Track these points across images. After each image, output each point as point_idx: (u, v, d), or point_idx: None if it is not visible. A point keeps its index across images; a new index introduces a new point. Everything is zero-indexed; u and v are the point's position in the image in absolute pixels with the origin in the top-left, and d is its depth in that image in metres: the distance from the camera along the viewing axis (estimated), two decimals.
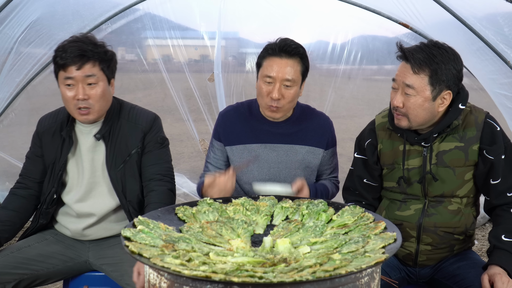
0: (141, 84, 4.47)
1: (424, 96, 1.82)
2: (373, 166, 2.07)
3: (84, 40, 2.00)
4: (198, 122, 4.42)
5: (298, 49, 2.12)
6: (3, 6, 3.33)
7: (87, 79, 1.98)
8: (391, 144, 2.02)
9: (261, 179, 2.26)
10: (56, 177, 2.12)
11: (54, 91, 4.27)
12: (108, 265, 2.12)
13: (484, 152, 1.89)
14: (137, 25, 4.21)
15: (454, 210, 1.96)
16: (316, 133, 2.27)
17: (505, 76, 3.53)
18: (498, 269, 1.79)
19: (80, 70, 1.96)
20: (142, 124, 2.16)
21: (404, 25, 3.90)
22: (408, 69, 1.83)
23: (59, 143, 2.12)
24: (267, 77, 2.09)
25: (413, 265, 2.06)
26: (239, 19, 4.28)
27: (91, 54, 1.98)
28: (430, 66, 1.79)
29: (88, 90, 1.99)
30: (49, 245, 2.15)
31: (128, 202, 2.13)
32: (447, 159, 1.92)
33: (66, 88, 1.99)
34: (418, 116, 1.85)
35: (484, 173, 1.91)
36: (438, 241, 1.98)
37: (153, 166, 2.17)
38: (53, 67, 2.03)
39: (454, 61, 1.82)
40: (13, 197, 2.18)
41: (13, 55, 3.75)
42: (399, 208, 2.02)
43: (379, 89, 4.62)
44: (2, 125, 4.31)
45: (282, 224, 1.70)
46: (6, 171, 4.48)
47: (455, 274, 1.96)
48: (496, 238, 1.87)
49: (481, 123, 1.89)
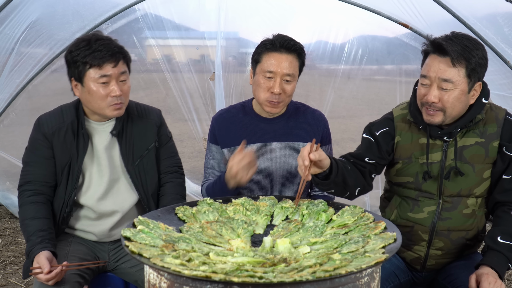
0: (142, 83, 4.47)
1: (462, 89, 1.78)
2: (384, 155, 1.99)
3: (106, 38, 2.00)
4: (199, 122, 4.43)
5: (296, 45, 2.14)
6: (3, 6, 3.34)
7: (120, 76, 1.99)
8: (410, 137, 1.97)
9: (259, 179, 2.26)
10: (75, 178, 2.06)
11: (55, 91, 4.30)
12: (129, 262, 2.13)
13: (503, 149, 1.87)
14: (137, 25, 4.21)
15: (468, 213, 1.93)
16: (311, 129, 2.27)
17: (505, 76, 3.53)
18: (487, 269, 1.77)
19: (116, 67, 1.97)
20: (154, 118, 2.21)
21: (404, 25, 3.90)
22: (446, 62, 1.77)
23: (73, 143, 2.05)
24: (268, 72, 2.11)
25: (421, 269, 2.03)
26: (239, 19, 4.28)
27: (121, 51, 2.00)
28: (466, 58, 1.76)
29: (121, 86, 2.00)
30: (78, 246, 2.12)
31: (148, 196, 2.16)
32: (467, 154, 1.89)
33: (100, 86, 1.96)
34: (454, 109, 1.82)
35: (501, 170, 1.89)
36: (450, 245, 1.96)
37: (167, 159, 2.25)
38: (73, 66, 1.97)
39: (482, 50, 1.80)
40: (35, 206, 2.00)
41: (13, 56, 3.75)
42: (412, 210, 1.97)
43: (379, 89, 4.61)
44: (2, 125, 4.31)
45: (282, 224, 1.71)
46: (7, 170, 4.48)
47: (451, 273, 1.95)
48: (492, 239, 1.86)
49: (501, 120, 1.88)
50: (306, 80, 4.69)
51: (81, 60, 1.94)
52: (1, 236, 4.02)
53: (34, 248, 1.88)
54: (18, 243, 3.90)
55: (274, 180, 2.26)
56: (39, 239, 1.90)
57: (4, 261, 3.59)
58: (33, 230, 1.93)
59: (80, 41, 1.97)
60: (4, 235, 4.04)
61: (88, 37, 1.99)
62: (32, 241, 1.90)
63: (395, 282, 2.02)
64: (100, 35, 2.01)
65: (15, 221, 4.28)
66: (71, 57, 1.96)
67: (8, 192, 4.49)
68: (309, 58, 4.48)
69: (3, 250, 3.77)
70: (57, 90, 4.22)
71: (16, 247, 3.82)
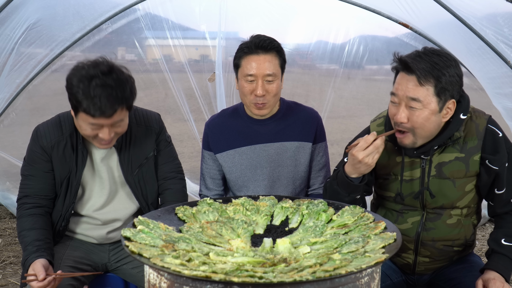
0: (142, 84, 4.47)
1: (431, 108, 1.70)
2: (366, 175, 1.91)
3: (110, 82, 1.79)
4: (199, 122, 4.42)
5: (273, 43, 2.13)
6: (3, 6, 3.34)
7: (116, 123, 1.87)
8: (387, 155, 1.92)
9: (256, 181, 2.26)
10: (74, 192, 2.04)
11: (55, 91, 4.31)
12: (130, 263, 2.13)
13: (487, 162, 1.81)
14: (137, 25, 4.21)
15: (453, 223, 1.90)
16: (304, 127, 2.27)
17: (505, 76, 3.53)
18: (493, 274, 1.76)
19: (111, 118, 1.82)
20: (154, 126, 2.15)
21: (404, 25, 3.90)
22: (412, 81, 1.70)
23: (72, 157, 2.01)
24: (248, 76, 2.11)
25: (412, 274, 2.03)
26: (239, 19, 4.28)
27: (123, 100, 1.82)
28: (435, 76, 1.67)
29: (115, 129, 1.90)
30: (74, 250, 2.11)
31: (148, 205, 2.14)
32: (446, 171, 1.83)
33: (90, 128, 1.86)
34: (424, 130, 1.74)
35: (488, 183, 1.85)
36: (437, 254, 1.94)
37: (166, 165, 2.20)
38: (70, 97, 1.84)
39: (455, 67, 1.71)
40: (33, 218, 1.98)
41: (14, 56, 3.75)
42: (396, 221, 1.95)
43: (379, 89, 4.61)
44: (2, 125, 4.31)
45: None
46: (7, 171, 4.48)
47: (452, 278, 1.93)
48: (496, 242, 1.84)
49: (482, 131, 1.80)
50: (306, 80, 4.69)
51: (77, 100, 1.80)
52: (1, 236, 4.02)
53: (29, 257, 1.85)
54: (18, 243, 3.90)
55: (271, 181, 2.26)
56: (35, 248, 1.88)
57: (4, 261, 3.59)
58: (30, 240, 1.91)
59: (83, 77, 1.78)
60: (4, 235, 4.04)
61: (91, 75, 1.78)
62: (28, 250, 1.88)
63: (387, 282, 2.02)
64: (103, 77, 1.78)
65: (15, 221, 4.27)
66: (70, 89, 1.82)
67: (8, 192, 4.49)
68: (309, 58, 4.48)
69: (3, 250, 3.77)
70: (57, 90, 4.21)
71: (16, 247, 3.82)
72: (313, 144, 2.28)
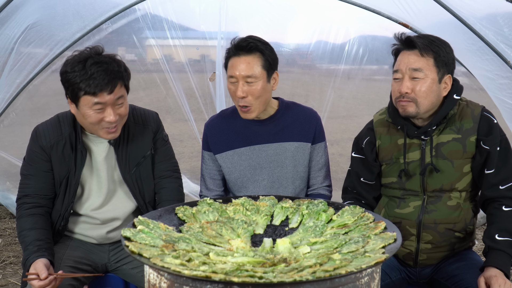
0: (142, 83, 4.47)
1: (432, 77, 1.88)
2: (372, 163, 2.09)
3: (103, 61, 1.86)
4: (199, 121, 4.43)
5: (255, 44, 2.12)
6: (3, 6, 3.34)
7: (117, 101, 1.90)
8: (389, 139, 2.05)
9: (255, 182, 2.26)
10: (72, 191, 2.04)
11: (55, 91, 4.30)
12: (130, 263, 2.13)
13: (481, 143, 1.92)
14: (137, 25, 4.21)
15: (453, 206, 1.97)
16: (303, 127, 2.26)
17: (505, 76, 3.53)
18: (494, 271, 1.78)
19: (112, 94, 1.86)
20: (151, 125, 2.16)
21: (404, 25, 3.89)
22: (414, 54, 1.90)
23: (71, 157, 2.01)
24: (231, 77, 2.13)
25: (414, 265, 2.06)
26: (239, 19, 4.28)
27: (119, 75, 1.88)
28: (434, 50, 1.88)
29: (117, 110, 1.92)
30: (74, 250, 2.11)
31: (146, 203, 2.14)
32: (445, 151, 1.95)
33: (94, 112, 1.87)
34: (427, 99, 1.89)
35: (480, 164, 1.94)
36: (439, 238, 1.98)
37: (162, 163, 2.20)
38: (68, 88, 1.88)
39: (450, 49, 1.93)
40: (33, 218, 1.98)
41: (13, 56, 3.75)
42: (398, 206, 2.04)
43: (379, 89, 4.62)
44: (3, 125, 4.31)
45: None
46: (7, 170, 4.48)
47: (454, 275, 1.95)
48: (490, 238, 1.87)
49: (477, 115, 1.93)
50: (306, 80, 4.69)
51: (75, 85, 1.83)
52: (1, 236, 4.02)
53: (30, 256, 1.85)
54: (18, 243, 3.90)
55: (270, 181, 2.26)
56: (36, 247, 1.88)
57: (4, 261, 3.59)
58: (31, 240, 1.91)
59: (76, 62, 1.85)
60: (4, 235, 4.04)
61: (84, 57, 1.85)
62: (29, 250, 1.88)
63: (386, 281, 2.04)
64: (97, 57, 1.87)
65: (15, 221, 4.27)
66: (66, 78, 1.86)
67: (8, 192, 4.49)
68: (309, 58, 4.48)
69: (3, 250, 3.77)
70: (57, 90, 4.18)
71: (16, 247, 3.82)
72: (312, 144, 2.28)
